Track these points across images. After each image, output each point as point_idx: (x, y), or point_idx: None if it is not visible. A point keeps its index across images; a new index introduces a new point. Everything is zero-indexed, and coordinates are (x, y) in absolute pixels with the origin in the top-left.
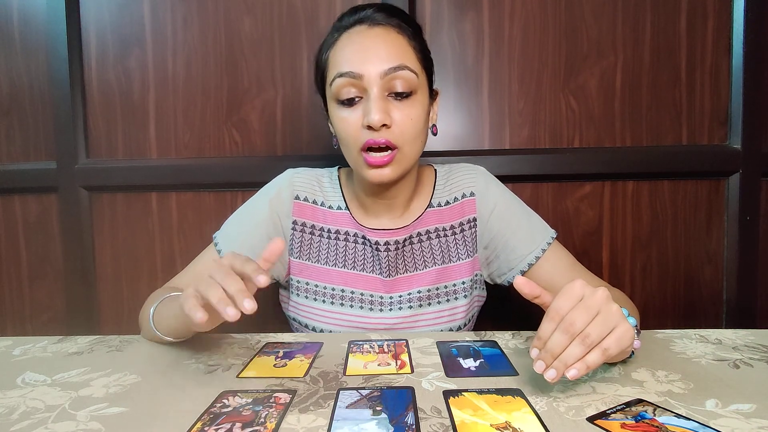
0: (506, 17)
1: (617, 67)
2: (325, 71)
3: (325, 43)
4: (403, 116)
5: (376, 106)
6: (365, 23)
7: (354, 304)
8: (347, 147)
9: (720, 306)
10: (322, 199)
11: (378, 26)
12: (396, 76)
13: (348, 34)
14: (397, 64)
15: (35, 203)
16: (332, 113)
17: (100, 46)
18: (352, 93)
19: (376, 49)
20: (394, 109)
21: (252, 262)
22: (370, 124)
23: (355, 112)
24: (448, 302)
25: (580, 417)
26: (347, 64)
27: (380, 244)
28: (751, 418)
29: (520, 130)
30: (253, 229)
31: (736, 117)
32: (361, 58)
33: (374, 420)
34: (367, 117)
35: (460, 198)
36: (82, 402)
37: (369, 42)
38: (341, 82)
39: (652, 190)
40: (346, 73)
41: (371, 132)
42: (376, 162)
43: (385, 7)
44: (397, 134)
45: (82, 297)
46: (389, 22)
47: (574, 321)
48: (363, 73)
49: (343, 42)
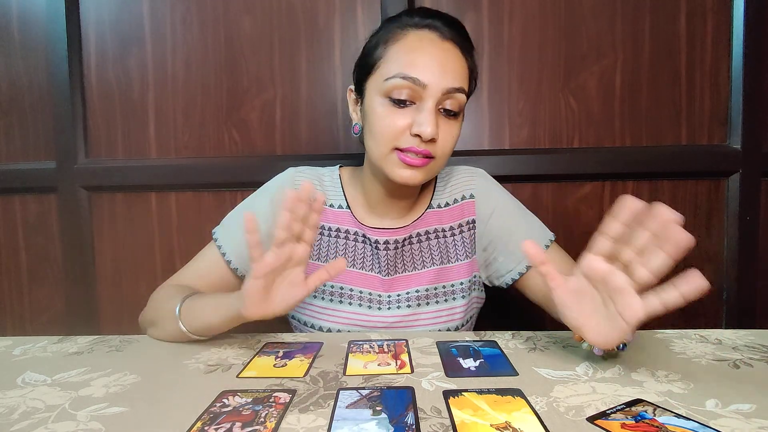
0: (505, 17)
1: (617, 67)
2: (378, 61)
3: (385, 32)
4: (447, 134)
5: (431, 119)
6: (436, 32)
7: (353, 301)
8: (380, 142)
9: (720, 306)
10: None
11: (447, 41)
12: (452, 96)
13: (417, 35)
14: (458, 85)
15: (35, 203)
16: (373, 106)
17: (100, 46)
18: (405, 95)
19: (444, 66)
20: (441, 124)
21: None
22: (421, 135)
23: (403, 114)
24: (446, 302)
25: (580, 417)
26: (414, 69)
27: (380, 242)
28: (751, 418)
29: (520, 130)
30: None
31: (736, 117)
32: (430, 69)
33: (374, 420)
34: (419, 127)
35: (459, 200)
36: (82, 402)
37: (441, 55)
38: (401, 83)
39: (652, 190)
40: (412, 78)
41: (417, 140)
42: (412, 162)
43: (455, 23)
44: (438, 148)
45: (82, 297)
46: (456, 40)
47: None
48: (427, 83)
49: (412, 42)
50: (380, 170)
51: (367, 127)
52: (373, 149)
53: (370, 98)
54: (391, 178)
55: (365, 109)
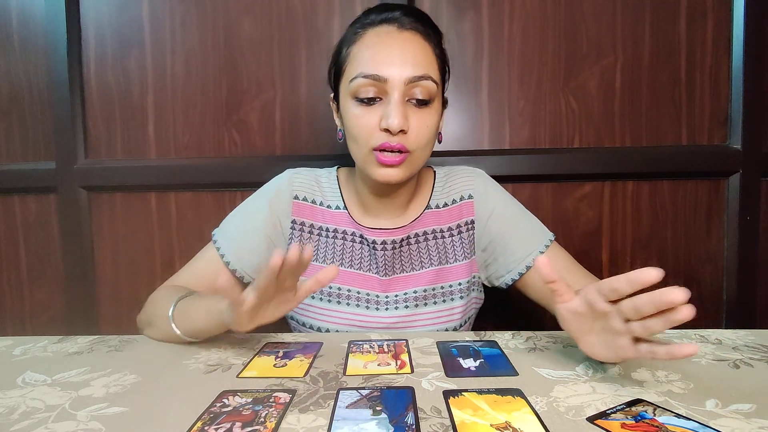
0: (506, 17)
1: (617, 67)
2: (344, 65)
3: (346, 35)
4: (420, 123)
5: (397, 111)
6: (394, 24)
7: (351, 302)
8: (358, 144)
9: (720, 306)
10: (321, 199)
11: (407, 30)
12: (418, 84)
13: (375, 31)
14: (422, 73)
15: (35, 203)
16: (346, 109)
17: (100, 47)
18: (371, 93)
19: (404, 55)
20: (411, 114)
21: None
22: (389, 128)
23: (373, 111)
24: (445, 303)
25: (580, 417)
26: (373, 65)
27: (377, 243)
28: (751, 418)
29: (520, 130)
30: (253, 230)
31: (736, 117)
32: (388, 62)
33: (374, 420)
34: (386, 120)
35: (458, 200)
36: (82, 402)
37: (397, 45)
38: (363, 82)
39: (652, 190)
40: (371, 75)
41: (387, 135)
42: (388, 161)
43: (414, 11)
44: (411, 140)
45: (81, 297)
46: (417, 28)
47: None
48: (387, 77)
49: (369, 39)
50: (363, 172)
51: (346, 131)
52: (354, 152)
53: (343, 102)
54: (374, 178)
55: (342, 114)
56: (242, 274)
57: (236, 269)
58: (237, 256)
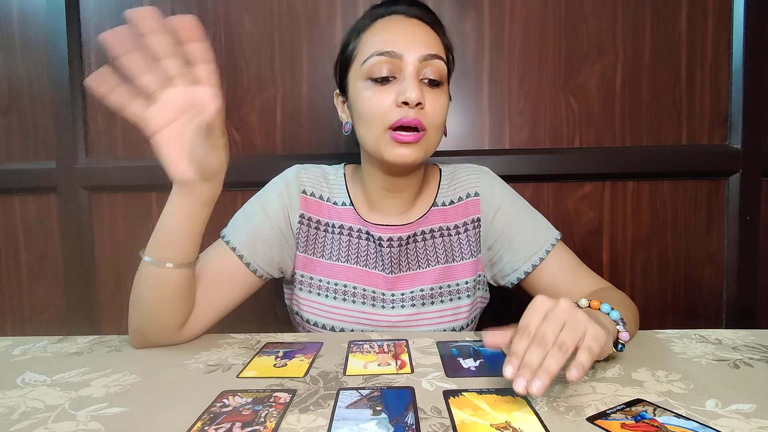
0: (506, 16)
1: (617, 67)
2: (354, 53)
3: (355, 27)
4: (434, 102)
5: (413, 85)
6: (402, 14)
7: (357, 300)
8: (371, 125)
9: (720, 306)
10: (327, 195)
11: (414, 18)
12: (431, 64)
13: (385, 21)
14: (434, 51)
15: (35, 203)
16: (358, 93)
17: (100, 46)
18: (385, 71)
19: (415, 35)
20: (427, 92)
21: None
22: (407, 101)
23: (388, 90)
24: (451, 301)
25: (580, 417)
26: (387, 44)
27: (384, 239)
28: (751, 418)
29: (520, 129)
30: (266, 221)
31: (736, 117)
32: (401, 40)
33: (374, 420)
34: (404, 94)
35: (464, 198)
36: (82, 402)
37: (409, 28)
38: (379, 60)
39: (652, 190)
40: (387, 52)
41: (404, 110)
42: (404, 139)
43: (418, 3)
44: (428, 116)
45: (81, 297)
46: (424, 17)
47: (546, 333)
48: (402, 53)
49: (379, 27)
50: (377, 156)
51: (357, 116)
52: (366, 137)
53: (354, 88)
54: (388, 159)
55: (351, 102)
56: (255, 267)
57: (249, 262)
58: (251, 248)
